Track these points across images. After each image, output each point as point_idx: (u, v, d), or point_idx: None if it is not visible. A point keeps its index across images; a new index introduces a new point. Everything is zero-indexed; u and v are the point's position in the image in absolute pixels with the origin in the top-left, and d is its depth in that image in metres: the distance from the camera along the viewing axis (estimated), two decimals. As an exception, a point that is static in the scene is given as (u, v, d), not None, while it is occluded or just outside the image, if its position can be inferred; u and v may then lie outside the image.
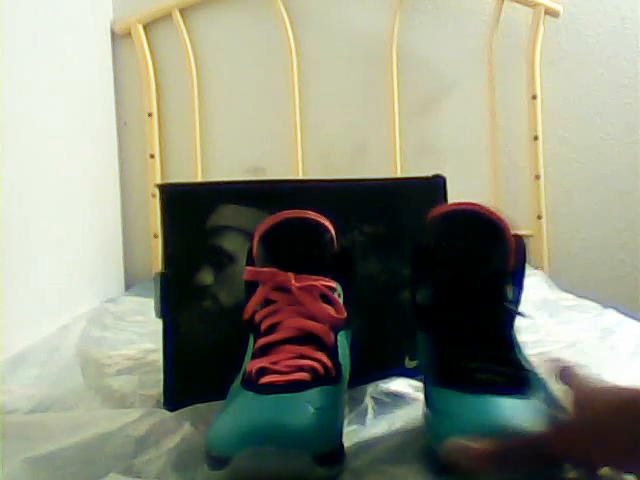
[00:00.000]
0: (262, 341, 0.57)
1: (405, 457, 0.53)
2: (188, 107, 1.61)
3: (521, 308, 1.19)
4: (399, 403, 0.66)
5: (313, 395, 0.51)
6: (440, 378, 0.54)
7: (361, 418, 0.62)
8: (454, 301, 0.58)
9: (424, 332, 0.60)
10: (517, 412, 0.48)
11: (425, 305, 0.60)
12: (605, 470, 0.45)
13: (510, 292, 0.59)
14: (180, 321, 0.69)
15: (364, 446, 0.56)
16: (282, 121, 1.62)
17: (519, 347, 0.57)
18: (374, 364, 0.70)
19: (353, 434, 0.58)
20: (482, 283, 0.57)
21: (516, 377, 0.53)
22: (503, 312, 0.58)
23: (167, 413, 0.64)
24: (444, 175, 0.76)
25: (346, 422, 0.59)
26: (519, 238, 0.61)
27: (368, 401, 0.66)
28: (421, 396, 0.60)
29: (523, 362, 0.55)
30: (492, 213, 0.60)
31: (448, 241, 0.60)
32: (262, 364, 0.54)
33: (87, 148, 1.39)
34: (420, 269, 0.62)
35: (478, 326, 0.56)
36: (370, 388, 0.68)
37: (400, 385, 0.69)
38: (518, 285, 0.60)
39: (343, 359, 0.58)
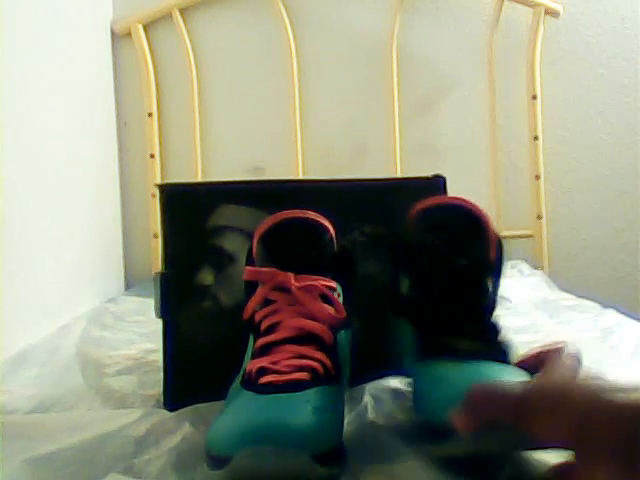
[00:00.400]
0: (262, 341, 0.57)
1: (406, 455, 0.53)
2: (188, 107, 1.61)
3: (520, 307, 1.19)
4: (398, 401, 0.66)
5: (313, 395, 0.51)
6: (424, 353, 0.56)
7: (361, 417, 0.62)
8: (437, 289, 0.59)
9: (406, 319, 0.61)
10: (505, 374, 0.50)
11: (408, 294, 0.61)
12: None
13: (490, 284, 0.60)
14: (180, 321, 0.69)
15: (364, 445, 0.56)
16: (282, 121, 1.62)
17: (501, 331, 0.59)
18: (374, 364, 0.70)
19: (353, 433, 0.58)
20: (463, 271, 0.59)
21: (498, 350, 0.55)
22: (484, 299, 0.59)
23: (167, 413, 0.64)
24: (444, 175, 0.76)
25: (346, 421, 0.59)
26: (498, 236, 0.62)
27: (367, 399, 0.66)
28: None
29: (504, 341, 0.57)
30: (474, 207, 0.61)
31: (432, 233, 0.61)
32: (262, 364, 0.54)
33: (87, 148, 1.39)
34: (403, 260, 0.62)
35: (459, 310, 0.57)
36: (369, 386, 0.68)
37: (399, 383, 0.69)
38: (497, 280, 0.62)
39: (343, 359, 0.58)
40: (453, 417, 0.45)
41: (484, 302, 0.59)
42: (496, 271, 0.61)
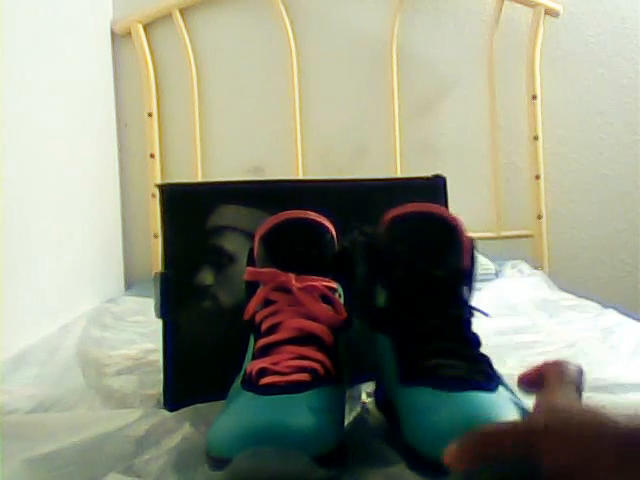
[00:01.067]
0: (262, 342, 0.57)
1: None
2: (188, 107, 1.61)
3: (520, 307, 1.19)
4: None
5: (313, 396, 0.51)
6: (407, 376, 0.54)
7: (361, 417, 0.62)
8: (413, 301, 0.58)
9: (384, 334, 0.59)
10: (492, 405, 0.49)
11: (384, 307, 0.60)
12: None
13: (466, 292, 0.59)
14: (180, 321, 0.69)
15: (364, 445, 0.56)
16: (282, 121, 1.62)
17: (480, 345, 0.58)
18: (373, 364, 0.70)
19: (353, 433, 0.58)
20: (440, 282, 0.58)
21: (481, 372, 0.53)
22: (462, 310, 0.58)
23: (167, 413, 0.64)
24: (444, 175, 0.76)
25: (346, 422, 0.59)
26: (470, 239, 0.61)
27: (365, 399, 0.66)
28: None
29: (486, 359, 0.56)
30: (446, 214, 0.61)
31: (404, 242, 0.60)
32: (262, 365, 0.54)
33: (87, 148, 1.39)
34: (377, 271, 0.62)
35: (439, 325, 0.56)
36: (364, 385, 0.68)
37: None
38: (471, 285, 0.61)
39: (343, 359, 0.58)
40: (448, 454, 0.44)
41: (462, 314, 0.58)
42: (470, 278, 0.60)
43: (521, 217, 1.63)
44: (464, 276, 0.60)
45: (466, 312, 0.58)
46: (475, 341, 0.57)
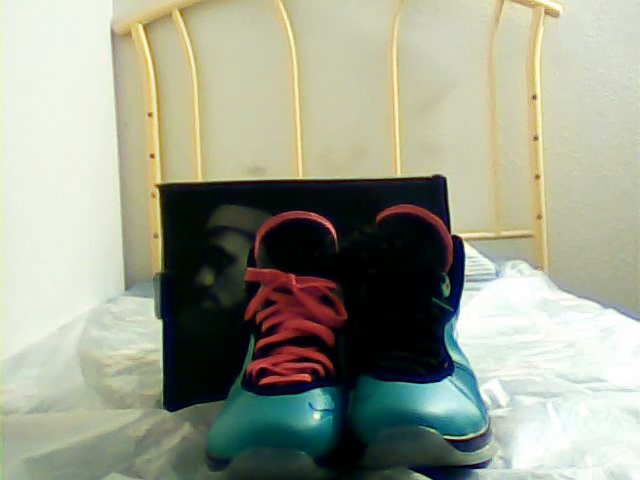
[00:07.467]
0: (263, 342, 0.57)
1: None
2: (188, 107, 1.61)
3: (520, 307, 1.19)
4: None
5: (314, 396, 0.51)
6: (359, 365, 0.56)
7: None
8: (382, 295, 0.59)
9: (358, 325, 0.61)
10: (420, 395, 0.50)
11: (361, 299, 0.62)
12: None
13: (446, 289, 0.61)
14: (180, 321, 0.69)
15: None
16: (282, 121, 1.62)
17: (451, 341, 0.59)
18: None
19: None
20: (409, 279, 0.59)
21: (426, 364, 0.54)
22: (430, 306, 0.59)
23: (167, 413, 0.64)
24: (444, 175, 0.76)
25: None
26: (457, 239, 0.63)
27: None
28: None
29: (450, 353, 0.57)
30: (426, 215, 0.62)
31: (382, 242, 0.62)
32: (263, 365, 0.54)
33: (87, 148, 1.39)
34: (360, 267, 0.63)
35: (403, 318, 0.58)
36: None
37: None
38: (458, 283, 0.62)
39: (344, 360, 0.58)
40: None
41: (429, 311, 0.59)
42: (456, 274, 0.62)
43: (521, 217, 1.63)
44: (439, 274, 0.61)
45: (434, 308, 0.59)
46: (441, 336, 0.58)
